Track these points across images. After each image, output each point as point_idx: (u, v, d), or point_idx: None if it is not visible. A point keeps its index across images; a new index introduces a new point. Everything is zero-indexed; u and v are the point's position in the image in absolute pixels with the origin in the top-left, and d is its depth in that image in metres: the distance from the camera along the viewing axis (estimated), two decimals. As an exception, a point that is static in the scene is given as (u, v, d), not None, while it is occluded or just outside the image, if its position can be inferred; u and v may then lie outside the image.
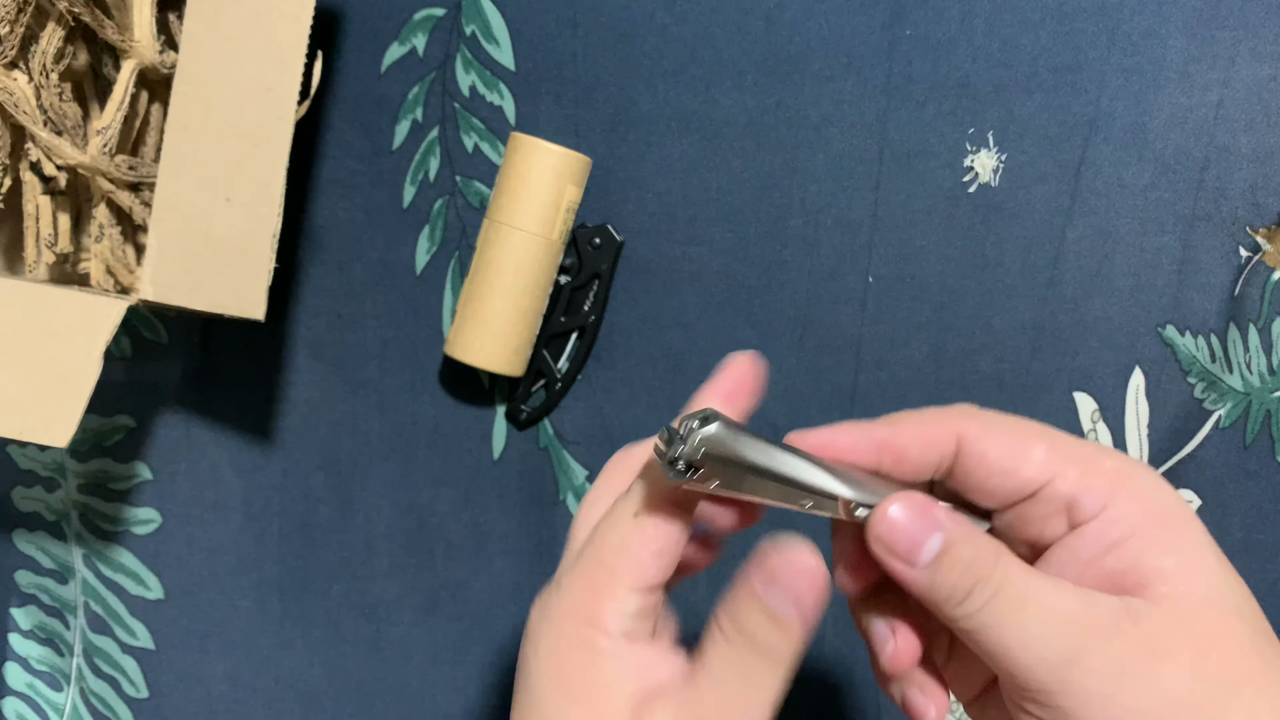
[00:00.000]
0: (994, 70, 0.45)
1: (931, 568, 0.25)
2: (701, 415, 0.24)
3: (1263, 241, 0.45)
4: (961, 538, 0.25)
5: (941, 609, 0.25)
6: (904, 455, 0.27)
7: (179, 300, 0.39)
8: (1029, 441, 0.26)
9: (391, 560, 0.50)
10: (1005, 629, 0.24)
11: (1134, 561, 0.24)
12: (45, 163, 0.43)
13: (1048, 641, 0.23)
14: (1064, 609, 0.23)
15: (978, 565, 0.24)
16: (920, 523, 0.25)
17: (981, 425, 0.26)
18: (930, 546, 0.25)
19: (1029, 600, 0.24)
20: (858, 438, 0.27)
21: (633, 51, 0.47)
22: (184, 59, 0.39)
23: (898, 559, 0.25)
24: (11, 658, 0.52)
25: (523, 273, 0.45)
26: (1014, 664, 0.23)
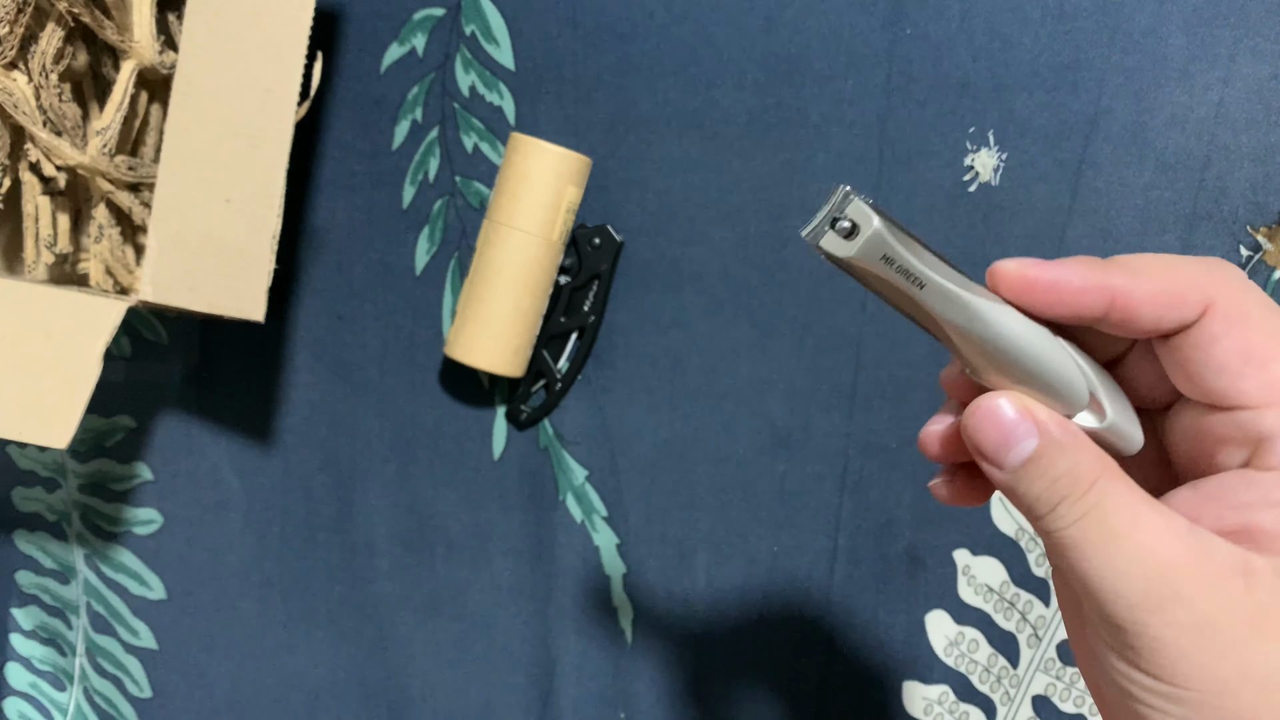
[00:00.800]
0: (994, 69, 0.45)
1: (1019, 472, 0.23)
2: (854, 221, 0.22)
3: (1263, 240, 0.45)
4: (1057, 448, 0.22)
5: (1028, 516, 0.23)
6: (1135, 315, 0.23)
7: (178, 301, 0.39)
8: (1275, 349, 0.22)
9: (392, 560, 0.50)
10: (1089, 556, 0.22)
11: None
12: (45, 163, 0.43)
13: (1132, 581, 0.21)
14: (1162, 552, 0.21)
15: (1070, 481, 0.22)
16: (1015, 424, 0.23)
17: (1236, 305, 0.22)
18: (1021, 450, 0.23)
19: (1122, 533, 0.21)
20: (1087, 281, 0.23)
21: (633, 51, 0.47)
22: (184, 59, 0.39)
23: (985, 458, 0.23)
24: (13, 658, 0.52)
25: (523, 273, 0.45)
26: (1092, 592, 0.22)
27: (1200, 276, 0.22)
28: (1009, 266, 0.23)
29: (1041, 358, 0.23)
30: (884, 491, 0.48)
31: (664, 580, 0.49)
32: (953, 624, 0.48)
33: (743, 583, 0.49)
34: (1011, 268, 0.23)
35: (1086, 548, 0.22)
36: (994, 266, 0.23)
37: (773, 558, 0.49)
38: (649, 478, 0.49)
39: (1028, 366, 0.23)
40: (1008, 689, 0.49)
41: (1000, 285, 0.23)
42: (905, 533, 0.48)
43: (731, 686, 0.50)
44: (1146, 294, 0.22)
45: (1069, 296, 0.23)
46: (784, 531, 0.48)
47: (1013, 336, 0.23)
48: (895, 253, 0.22)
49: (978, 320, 0.23)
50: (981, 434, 0.23)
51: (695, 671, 0.50)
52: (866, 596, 0.49)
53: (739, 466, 0.48)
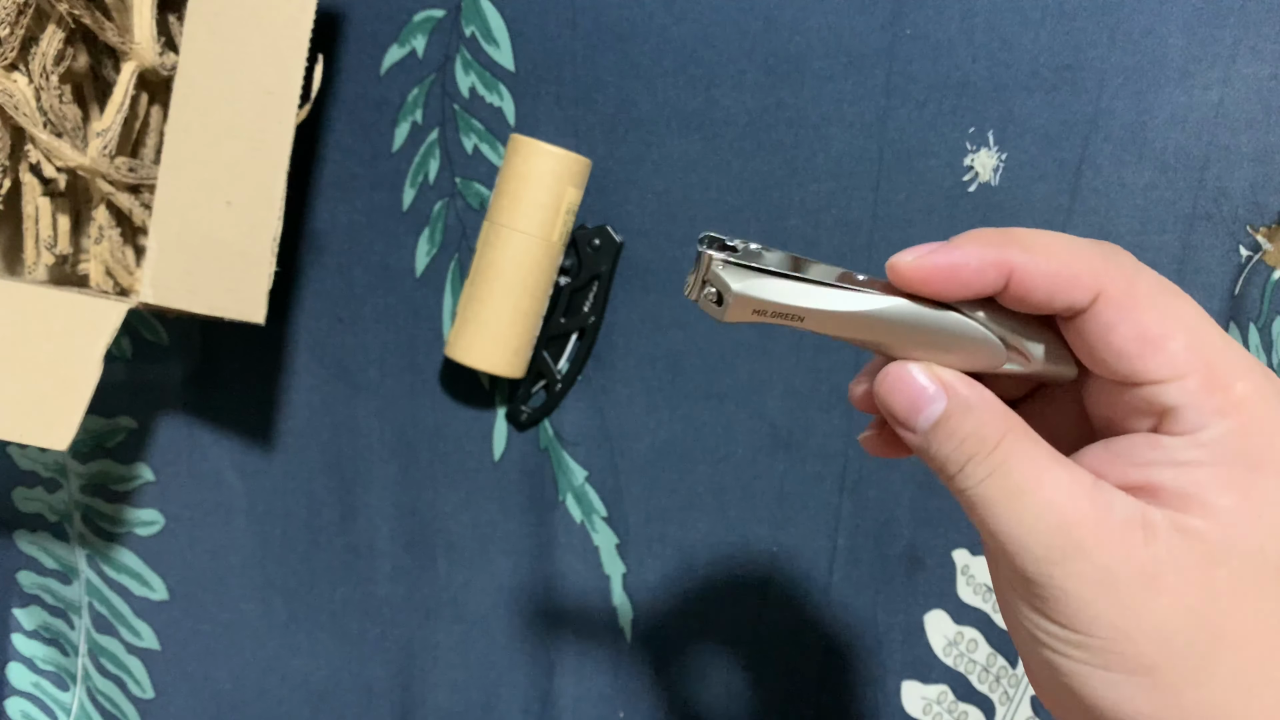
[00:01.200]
0: (994, 69, 0.45)
1: (929, 434, 0.24)
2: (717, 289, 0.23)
3: (1263, 240, 0.45)
4: (963, 409, 0.23)
5: (940, 475, 0.24)
6: (1030, 292, 0.23)
7: (179, 303, 0.39)
8: (1171, 328, 0.22)
9: (394, 562, 0.50)
10: (996, 513, 0.23)
11: (1193, 487, 0.22)
12: (45, 164, 0.43)
13: (1037, 535, 0.22)
14: (1066, 507, 0.22)
15: (976, 440, 0.23)
16: (923, 389, 0.24)
17: (1127, 290, 0.23)
18: (930, 413, 0.24)
19: (1027, 490, 0.22)
20: (984, 259, 0.23)
21: (632, 52, 0.47)
22: (184, 61, 0.39)
23: (897, 422, 0.24)
24: (15, 658, 0.53)
25: (523, 274, 0.45)
26: (1001, 546, 0.23)
27: (1093, 262, 0.23)
28: (905, 260, 0.24)
29: (944, 335, 0.24)
30: (884, 491, 0.48)
31: (664, 580, 0.49)
32: (952, 624, 0.48)
33: (742, 583, 0.49)
34: (908, 261, 0.24)
35: (994, 505, 0.23)
36: (891, 261, 0.24)
37: (773, 558, 0.49)
38: (649, 478, 0.49)
39: (934, 345, 0.24)
40: (1007, 689, 0.49)
41: (900, 280, 0.24)
42: (905, 533, 0.48)
43: (731, 686, 0.50)
44: (1041, 272, 0.23)
45: (967, 277, 0.23)
46: (784, 531, 0.49)
47: (910, 330, 0.24)
48: (764, 303, 0.23)
49: (870, 326, 0.24)
50: (892, 399, 0.24)
51: (695, 671, 0.50)
52: (866, 596, 0.49)
53: (739, 466, 0.48)
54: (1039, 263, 0.23)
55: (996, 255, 0.23)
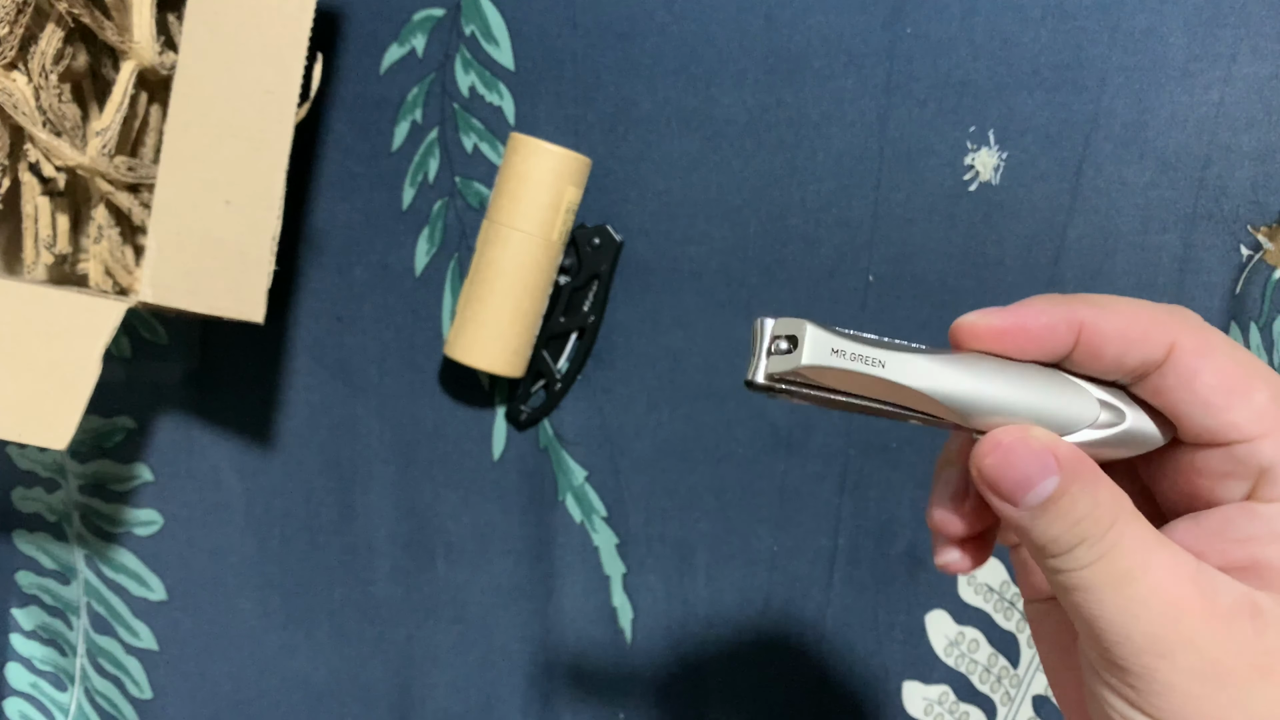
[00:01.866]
0: (995, 68, 0.45)
1: (1036, 512, 0.22)
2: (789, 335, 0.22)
3: (1264, 240, 0.45)
4: (1079, 488, 0.21)
5: (1037, 555, 0.22)
6: (1102, 349, 0.22)
7: (178, 302, 0.39)
8: (1252, 381, 0.21)
9: (393, 562, 0.50)
10: (1100, 598, 0.21)
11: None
12: (44, 164, 0.43)
13: (1141, 624, 0.20)
14: (1174, 593, 0.20)
15: (1090, 523, 0.21)
16: (1036, 460, 0.22)
17: (1203, 341, 0.22)
18: (1041, 490, 0.21)
19: (1137, 576, 0.21)
20: (1054, 317, 0.22)
21: (632, 51, 0.47)
22: (184, 60, 0.39)
23: (999, 496, 0.22)
24: (13, 658, 0.52)
25: (522, 274, 0.45)
26: (1099, 634, 0.21)
27: (1161, 316, 0.22)
28: (972, 319, 0.23)
29: (1036, 386, 0.22)
30: (884, 491, 0.48)
31: (664, 580, 0.49)
32: (953, 624, 0.48)
33: (743, 583, 0.49)
34: (976, 319, 0.23)
35: (1098, 590, 0.21)
36: (956, 324, 0.23)
37: (773, 558, 0.49)
38: (649, 478, 0.49)
39: (1025, 400, 0.22)
40: (1008, 689, 0.49)
41: (967, 338, 0.23)
42: (905, 533, 0.48)
43: (731, 687, 0.50)
44: (1113, 327, 0.22)
45: (1038, 333, 0.22)
46: (784, 531, 0.48)
47: (997, 378, 0.22)
48: (842, 343, 0.22)
49: (954, 375, 0.22)
50: (1003, 471, 0.22)
51: (695, 671, 0.50)
52: (866, 596, 0.49)
53: (739, 466, 0.48)
54: (1109, 318, 0.22)
55: (1066, 312, 0.22)
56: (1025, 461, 0.22)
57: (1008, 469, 0.22)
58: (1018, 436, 0.22)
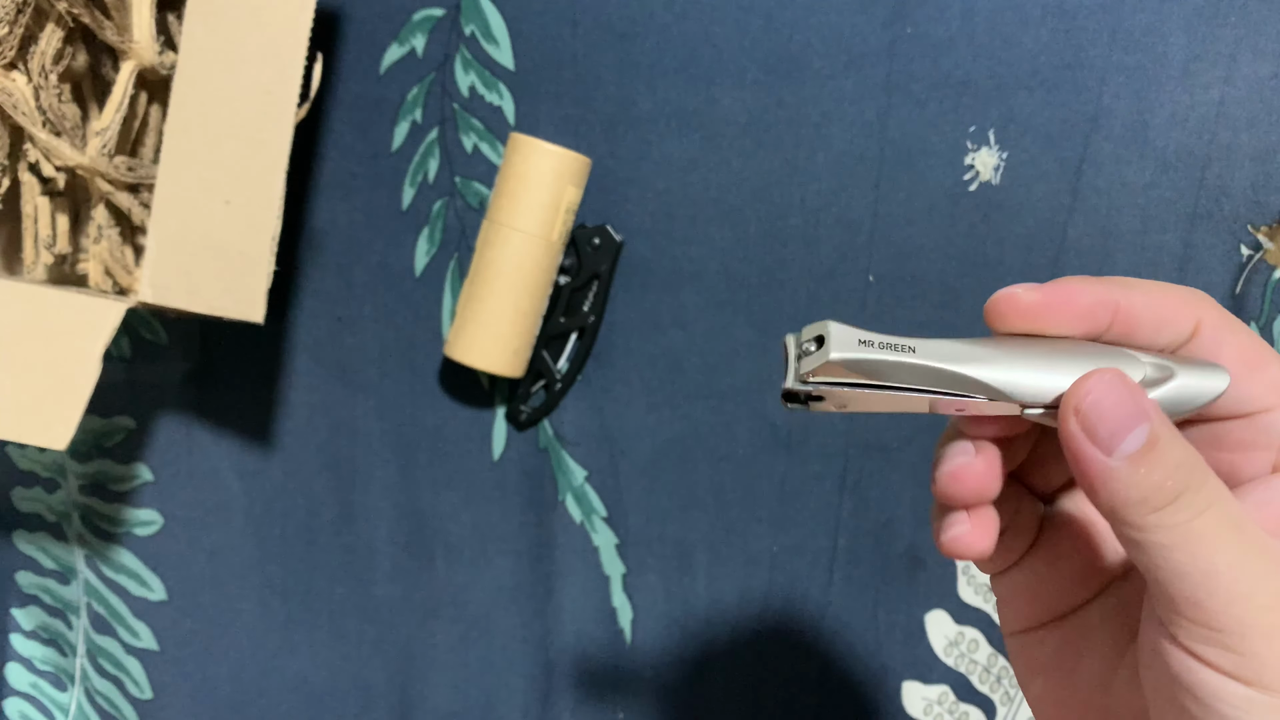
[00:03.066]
0: (995, 68, 0.45)
1: (1134, 461, 0.20)
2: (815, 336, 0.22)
3: (1264, 240, 0.45)
4: (1171, 434, 0.21)
5: (1132, 512, 0.21)
6: (1135, 327, 0.23)
7: (178, 302, 0.39)
8: (1266, 356, 0.22)
9: (393, 562, 0.50)
10: (1216, 550, 0.20)
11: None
12: (44, 164, 0.43)
13: (1263, 579, 0.19)
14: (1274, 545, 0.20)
15: (1188, 469, 0.20)
16: (1131, 405, 0.21)
17: (1223, 320, 0.23)
18: (1137, 435, 0.20)
19: (1247, 526, 0.20)
20: (1094, 296, 0.22)
21: (632, 50, 0.47)
22: (183, 60, 0.39)
23: (1095, 443, 0.21)
24: (13, 658, 0.52)
25: (522, 274, 0.45)
26: (1212, 594, 0.20)
27: (1187, 296, 0.23)
28: (1015, 290, 0.23)
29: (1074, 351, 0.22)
30: (884, 491, 0.48)
31: (663, 580, 0.49)
32: (953, 624, 0.48)
33: (743, 583, 0.49)
34: (1020, 291, 0.23)
35: (1214, 539, 0.20)
36: (996, 296, 0.23)
37: (773, 558, 0.49)
38: (649, 478, 0.49)
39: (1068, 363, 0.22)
40: (1008, 689, 0.49)
41: (1007, 310, 0.23)
42: (905, 533, 0.48)
43: (731, 687, 0.50)
44: (1145, 306, 0.23)
45: (1080, 310, 0.22)
46: (784, 531, 0.48)
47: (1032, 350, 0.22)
48: (868, 335, 0.22)
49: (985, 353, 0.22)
50: (1101, 411, 0.21)
51: (695, 671, 0.50)
52: (866, 596, 0.49)
53: (739, 466, 0.48)
54: (1142, 298, 0.23)
55: (1104, 291, 0.23)
56: (1121, 404, 0.21)
57: (1105, 412, 0.21)
58: (1113, 379, 0.21)
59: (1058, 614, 0.25)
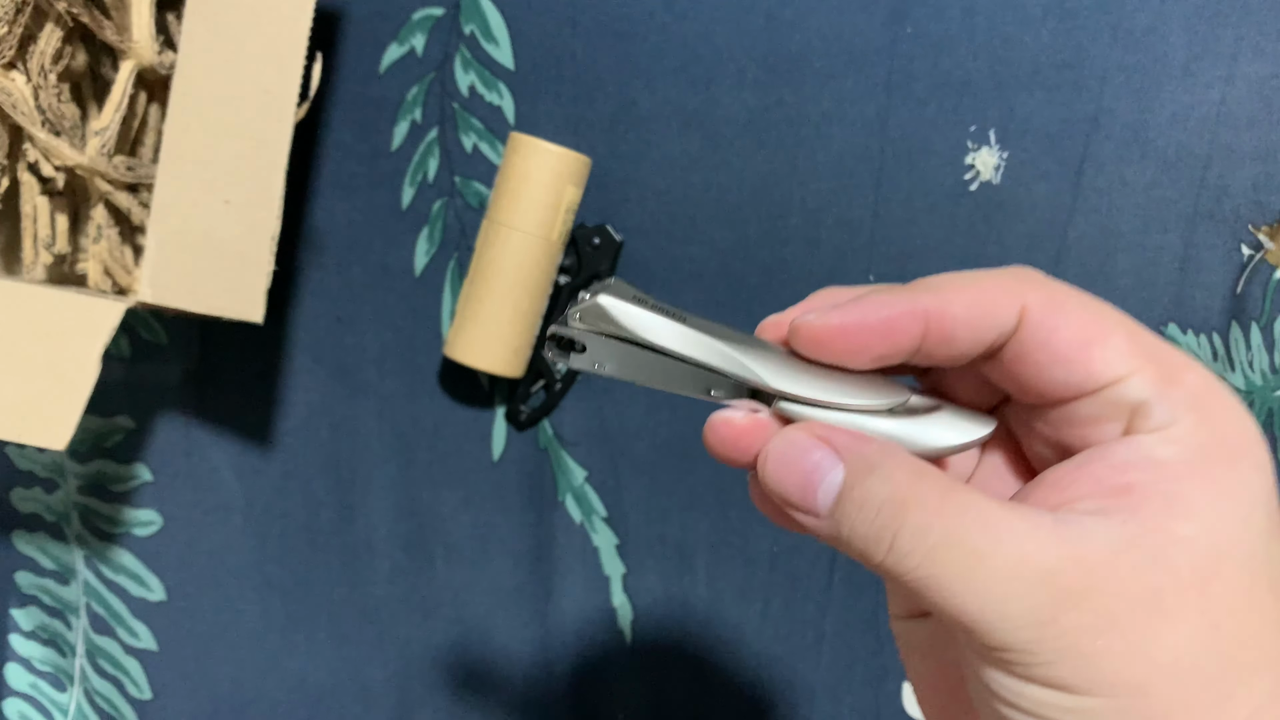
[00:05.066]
0: (995, 68, 0.45)
1: (835, 514, 0.20)
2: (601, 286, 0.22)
3: (1265, 239, 0.45)
4: (867, 469, 0.20)
5: (871, 565, 0.20)
6: (952, 333, 0.21)
7: (177, 302, 0.39)
8: (1106, 327, 0.21)
9: (392, 563, 0.50)
10: (955, 589, 0.19)
11: (1173, 490, 0.19)
12: (43, 163, 0.43)
13: (1014, 601, 0.19)
14: (1037, 559, 0.19)
15: (896, 505, 0.19)
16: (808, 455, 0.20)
17: (1050, 298, 0.21)
18: (829, 485, 0.20)
19: (987, 551, 0.19)
20: (895, 310, 0.21)
21: (633, 50, 0.47)
22: (183, 60, 0.39)
23: (797, 509, 0.20)
24: (13, 658, 0.52)
25: (522, 273, 0.45)
26: (969, 626, 0.19)
27: (1005, 282, 0.21)
28: (810, 321, 0.21)
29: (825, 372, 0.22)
30: (885, 492, 0.48)
31: (663, 580, 0.49)
32: (954, 624, 0.48)
33: (743, 583, 0.49)
34: (815, 321, 0.21)
35: (948, 581, 0.19)
36: (793, 327, 0.21)
37: (773, 558, 0.49)
38: (649, 478, 0.49)
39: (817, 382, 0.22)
40: (1009, 689, 0.49)
41: (807, 343, 0.21)
42: (906, 533, 0.48)
43: (731, 687, 0.49)
44: (960, 308, 0.21)
45: (883, 331, 0.21)
46: (783, 532, 0.48)
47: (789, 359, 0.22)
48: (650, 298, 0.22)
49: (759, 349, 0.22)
50: (782, 476, 0.20)
51: (695, 671, 0.50)
52: (866, 596, 0.48)
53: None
54: (954, 298, 0.21)
55: (909, 304, 0.21)
56: (800, 459, 0.20)
57: (786, 473, 0.20)
58: (782, 439, 0.21)
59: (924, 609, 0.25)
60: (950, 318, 0.21)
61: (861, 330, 0.21)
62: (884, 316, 0.21)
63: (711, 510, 0.49)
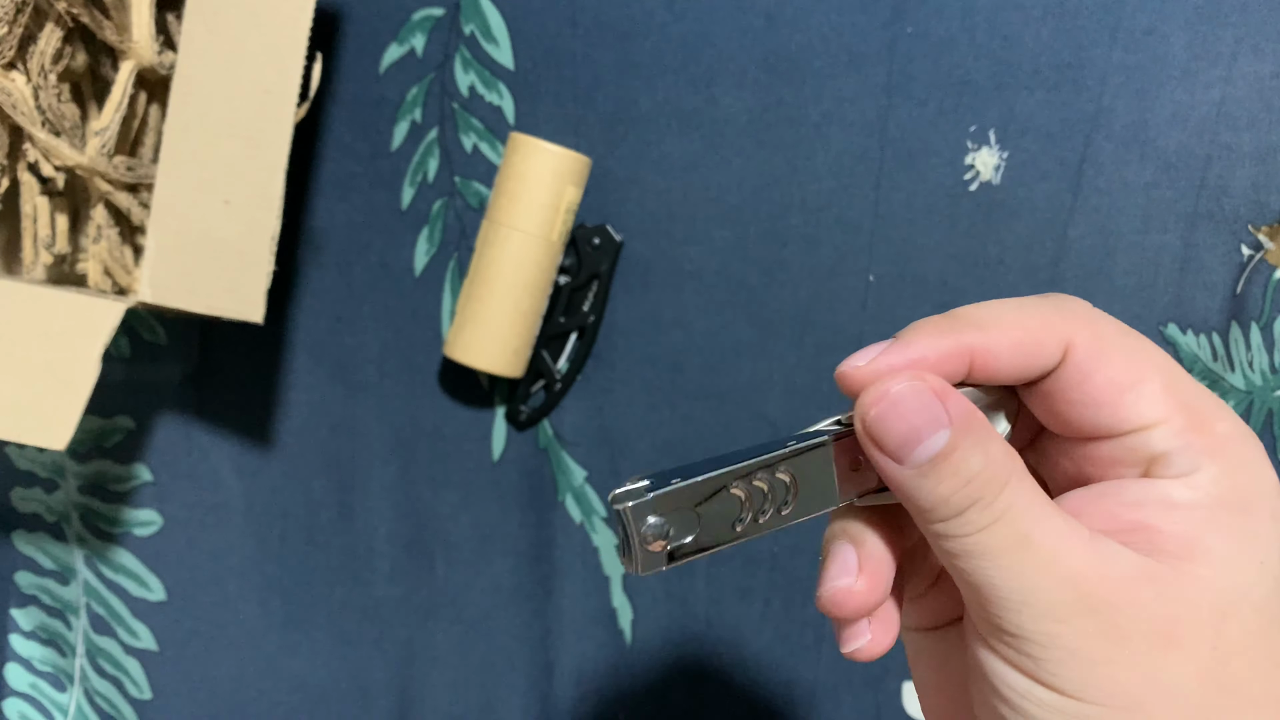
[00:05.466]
0: (995, 67, 0.45)
1: (924, 470, 0.21)
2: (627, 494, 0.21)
3: (1265, 239, 0.45)
4: (971, 442, 0.20)
5: (925, 519, 0.21)
6: (996, 371, 0.22)
7: (177, 302, 0.39)
8: (1144, 372, 0.21)
9: (392, 563, 0.50)
10: (996, 564, 0.20)
11: (1190, 533, 0.20)
12: (43, 163, 0.43)
13: (1042, 591, 0.20)
14: (1072, 561, 0.20)
15: (982, 482, 0.20)
16: (924, 411, 0.21)
17: (1095, 338, 0.21)
18: (931, 444, 0.20)
19: (1034, 541, 0.20)
20: (941, 350, 0.21)
21: (632, 50, 0.47)
22: (183, 60, 0.39)
23: (884, 453, 0.21)
24: (13, 658, 0.52)
25: (522, 273, 0.45)
26: (996, 603, 0.20)
27: (1052, 317, 0.22)
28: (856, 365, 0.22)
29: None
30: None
31: (664, 580, 0.49)
32: (954, 624, 0.48)
33: (743, 583, 0.49)
34: (858, 365, 0.22)
35: (996, 555, 0.20)
36: (841, 369, 0.22)
37: (773, 558, 0.49)
38: (649, 478, 0.49)
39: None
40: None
41: (855, 387, 0.22)
42: (906, 533, 0.48)
43: (731, 687, 0.49)
44: (1005, 347, 0.21)
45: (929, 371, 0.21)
46: (784, 532, 0.48)
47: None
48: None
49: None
50: (885, 425, 0.21)
51: (695, 672, 0.50)
52: (867, 597, 0.48)
53: (739, 467, 0.48)
54: (998, 337, 0.21)
55: (954, 343, 0.21)
56: (915, 412, 0.21)
57: (895, 421, 0.21)
58: (907, 383, 0.21)
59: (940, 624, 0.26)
60: (995, 356, 0.21)
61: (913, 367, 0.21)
62: (932, 357, 0.21)
63: (711, 510, 0.49)
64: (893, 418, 0.21)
